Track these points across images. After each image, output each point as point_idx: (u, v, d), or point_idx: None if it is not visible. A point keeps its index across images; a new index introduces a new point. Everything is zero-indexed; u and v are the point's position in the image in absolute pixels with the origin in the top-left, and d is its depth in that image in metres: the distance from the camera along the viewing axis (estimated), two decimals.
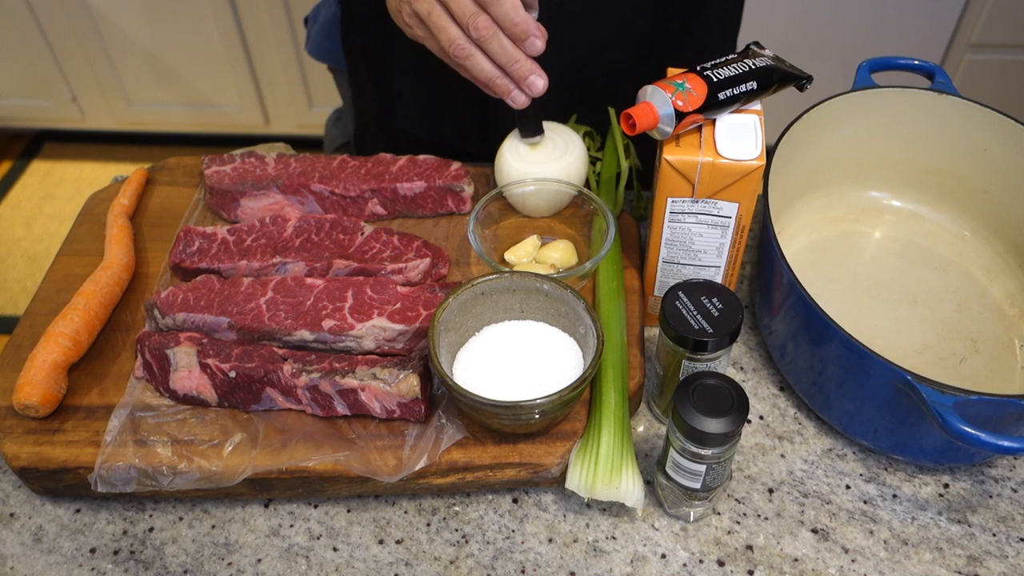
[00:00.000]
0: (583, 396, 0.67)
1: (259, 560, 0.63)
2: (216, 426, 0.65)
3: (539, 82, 0.68)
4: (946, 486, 0.67)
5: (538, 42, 0.67)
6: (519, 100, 0.70)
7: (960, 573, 0.62)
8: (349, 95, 1.10)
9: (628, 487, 0.61)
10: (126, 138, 2.43)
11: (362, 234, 0.77)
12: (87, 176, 2.38)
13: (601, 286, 0.73)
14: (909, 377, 0.58)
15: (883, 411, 0.63)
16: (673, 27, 0.90)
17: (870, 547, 0.64)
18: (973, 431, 0.55)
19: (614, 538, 0.64)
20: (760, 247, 0.74)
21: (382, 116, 1.01)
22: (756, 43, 0.69)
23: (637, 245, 0.79)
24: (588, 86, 0.90)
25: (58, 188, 2.34)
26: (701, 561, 0.63)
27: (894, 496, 0.67)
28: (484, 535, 0.65)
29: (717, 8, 0.94)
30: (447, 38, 0.67)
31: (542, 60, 0.68)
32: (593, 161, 0.84)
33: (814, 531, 0.64)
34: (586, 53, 0.89)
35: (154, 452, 0.63)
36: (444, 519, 0.65)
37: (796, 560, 0.63)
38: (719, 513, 0.65)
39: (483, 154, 0.87)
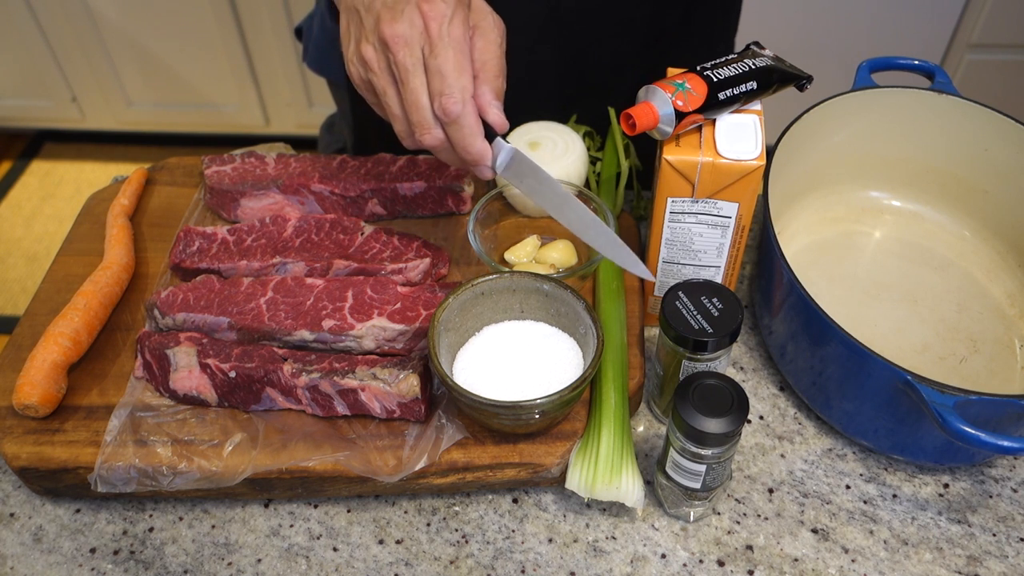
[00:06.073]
0: (583, 396, 0.67)
1: (259, 560, 0.63)
2: (216, 426, 0.65)
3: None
4: (946, 486, 0.67)
5: (487, 171, 0.64)
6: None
7: (960, 573, 0.62)
8: (348, 103, 1.10)
9: (628, 487, 0.61)
10: (126, 138, 2.43)
11: (362, 234, 0.77)
12: (87, 176, 2.38)
13: (601, 286, 0.73)
14: (909, 377, 0.58)
15: (883, 411, 0.63)
16: (673, 19, 0.90)
17: (870, 547, 0.64)
18: (973, 431, 0.55)
19: (614, 538, 0.64)
20: (760, 247, 0.74)
21: (381, 125, 1.01)
22: (756, 43, 0.69)
23: (637, 245, 0.79)
24: (587, 79, 0.90)
25: (58, 188, 2.34)
26: (701, 561, 0.63)
27: (894, 496, 0.67)
28: (484, 535, 0.64)
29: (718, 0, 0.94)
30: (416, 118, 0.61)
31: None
32: (593, 161, 0.84)
33: (814, 531, 0.64)
34: (584, 46, 0.89)
35: (154, 452, 0.63)
36: (444, 519, 0.65)
37: (796, 560, 0.63)
38: (719, 513, 0.65)
39: None
